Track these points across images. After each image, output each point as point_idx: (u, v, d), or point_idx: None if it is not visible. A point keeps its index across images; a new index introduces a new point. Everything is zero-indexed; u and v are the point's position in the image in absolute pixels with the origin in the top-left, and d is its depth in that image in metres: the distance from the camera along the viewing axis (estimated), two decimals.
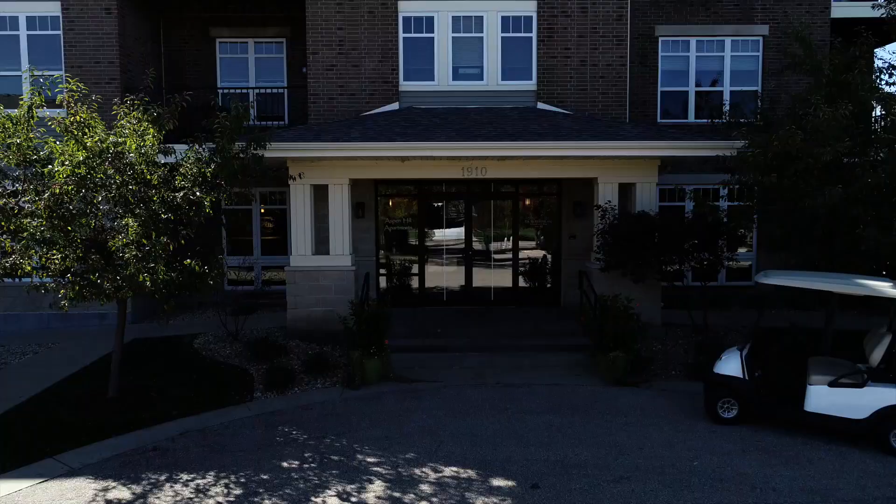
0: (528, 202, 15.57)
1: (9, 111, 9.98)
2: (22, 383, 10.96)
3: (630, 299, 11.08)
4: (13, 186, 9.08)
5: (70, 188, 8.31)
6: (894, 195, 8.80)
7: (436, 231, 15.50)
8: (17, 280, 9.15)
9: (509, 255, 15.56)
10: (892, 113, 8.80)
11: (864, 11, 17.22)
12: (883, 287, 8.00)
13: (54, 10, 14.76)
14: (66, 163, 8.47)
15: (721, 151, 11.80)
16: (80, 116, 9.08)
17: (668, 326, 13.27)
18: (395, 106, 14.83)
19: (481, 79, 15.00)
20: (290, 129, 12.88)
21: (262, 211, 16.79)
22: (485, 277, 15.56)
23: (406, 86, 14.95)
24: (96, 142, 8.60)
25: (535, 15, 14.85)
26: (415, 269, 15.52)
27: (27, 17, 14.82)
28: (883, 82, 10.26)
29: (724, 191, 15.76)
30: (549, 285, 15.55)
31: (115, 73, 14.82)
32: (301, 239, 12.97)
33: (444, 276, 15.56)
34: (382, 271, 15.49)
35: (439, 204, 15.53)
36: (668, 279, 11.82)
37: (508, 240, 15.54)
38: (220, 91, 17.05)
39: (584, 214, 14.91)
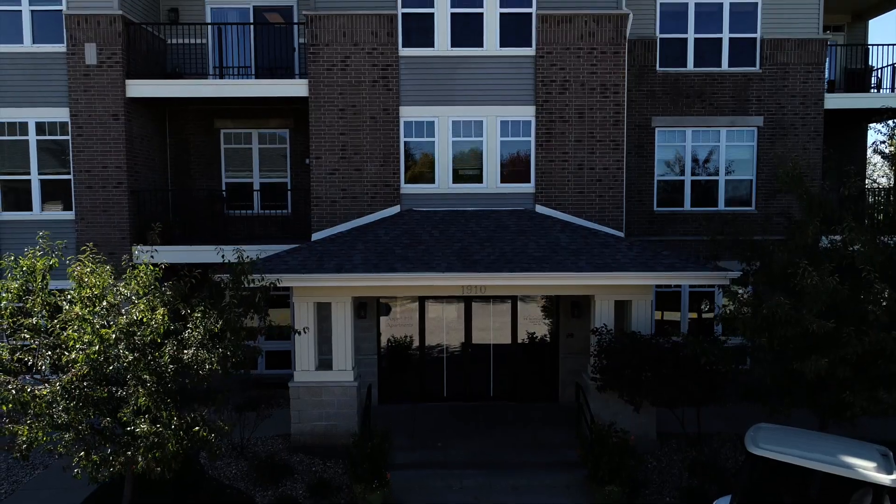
0: (526, 305, 15.81)
1: (22, 262, 10.24)
2: None
3: (626, 431, 11.41)
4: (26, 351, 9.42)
5: (85, 370, 8.64)
6: (881, 359, 9.11)
7: (436, 330, 15.79)
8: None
9: (508, 353, 15.84)
10: (876, 283, 9.11)
11: (856, 102, 17.65)
12: (867, 472, 8.31)
13: (63, 115, 15.09)
14: (83, 349, 8.78)
15: (715, 281, 12.13)
16: (92, 290, 9.38)
17: (663, 437, 13.55)
18: (396, 208, 15.15)
19: (481, 181, 15.33)
20: (293, 253, 13.17)
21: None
22: (484, 374, 15.87)
23: (407, 189, 15.27)
24: (112, 331, 8.89)
25: (533, 120, 15.17)
26: (416, 365, 15.81)
27: (36, 122, 15.16)
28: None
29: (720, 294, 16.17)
30: (547, 381, 15.84)
31: (122, 177, 15.14)
32: (304, 355, 13.28)
33: (443, 372, 15.86)
34: (384, 364, 15.75)
35: (439, 306, 15.76)
36: (663, 405, 12.13)
37: (507, 338, 15.82)
38: (225, 183, 17.39)
39: (581, 315, 15.21)
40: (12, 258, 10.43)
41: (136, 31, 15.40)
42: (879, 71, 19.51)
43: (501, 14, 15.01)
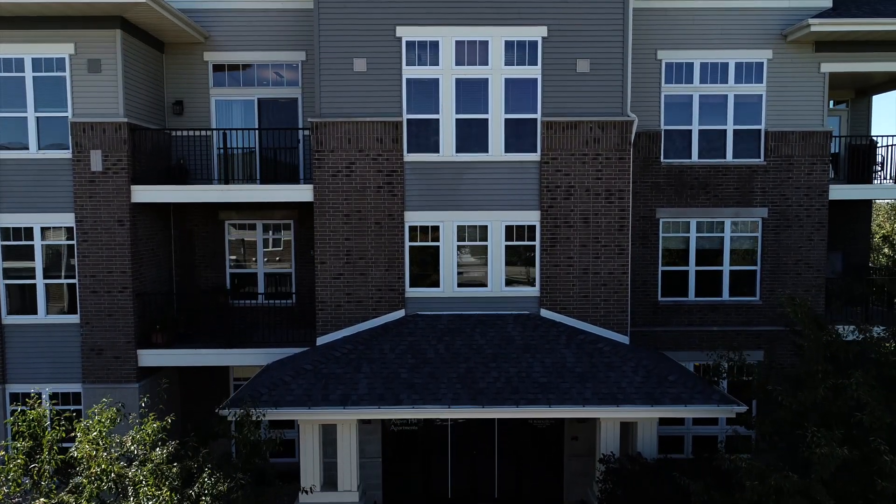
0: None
1: (29, 414, 10.24)
2: None
3: None
4: None
5: None
6: None
7: (440, 431, 15.80)
8: None
9: (515, 457, 15.83)
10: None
11: (861, 193, 17.70)
12: None
13: (68, 221, 15.10)
14: None
15: (722, 415, 12.17)
16: (100, 466, 9.40)
17: None
18: (401, 313, 15.15)
19: (486, 285, 15.32)
20: (298, 377, 13.09)
21: None
22: (489, 475, 15.86)
23: (412, 292, 15.27)
24: None
25: (538, 225, 15.18)
26: (420, 465, 15.82)
27: (41, 227, 15.16)
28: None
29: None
30: (552, 481, 15.84)
31: (127, 282, 15.14)
32: (310, 472, 13.24)
33: (449, 472, 15.86)
34: (388, 455, 15.70)
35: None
36: None
37: (513, 442, 15.80)
38: (230, 274, 17.42)
39: (585, 420, 15.21)
40: (19, 410, 10.45)
41: (142, 134, 15.42)
42: (884, 150, 19.48)
43: (506, 120, 15.03)
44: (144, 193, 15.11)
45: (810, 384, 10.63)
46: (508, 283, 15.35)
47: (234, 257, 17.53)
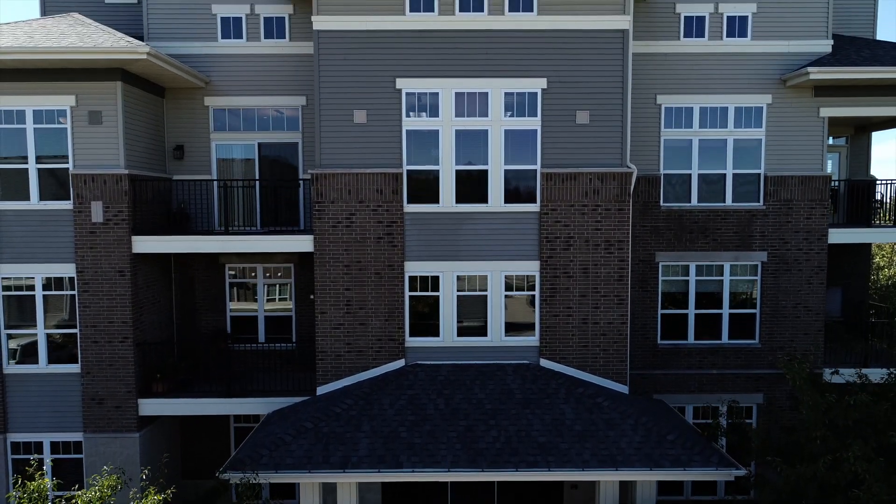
0: None
1: (30, 486, 10.29)
2: None
3: None
4: None
5: None
6: None
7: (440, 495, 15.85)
8: None
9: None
10: None
11: (861, 237, 17.69)
12: None
13: (69, 271, 15.12)
14: None
15: (721, 478, 12.21)
16: None
17: None
18: (401, 362, 15.20)
19: (486, 335, 15.35)
20: (298, 437, 13.10)
21: None
22: None
23: (412, 342, 15.31)
24: None
25: (538, 275, 15.21)
26: None
27: (44, 277, 15.19)
28: None
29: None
30: None
31: (127, 332, 15.18)
32: None
33: None
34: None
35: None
36: None
37: (512, 490, 15.84)
38: (230, 317, 17.46)
39: None
40: (18, 481, 10.49)
41: (143, 184, 15.46)
42: (882, 186, 19.50)
43: (506, 171, 15.06)
44: (145, 244, 15.14)
45: (809, 450, 10.66)
46: (508, 332, 15.38)
47: (234, 301, 17.56)
